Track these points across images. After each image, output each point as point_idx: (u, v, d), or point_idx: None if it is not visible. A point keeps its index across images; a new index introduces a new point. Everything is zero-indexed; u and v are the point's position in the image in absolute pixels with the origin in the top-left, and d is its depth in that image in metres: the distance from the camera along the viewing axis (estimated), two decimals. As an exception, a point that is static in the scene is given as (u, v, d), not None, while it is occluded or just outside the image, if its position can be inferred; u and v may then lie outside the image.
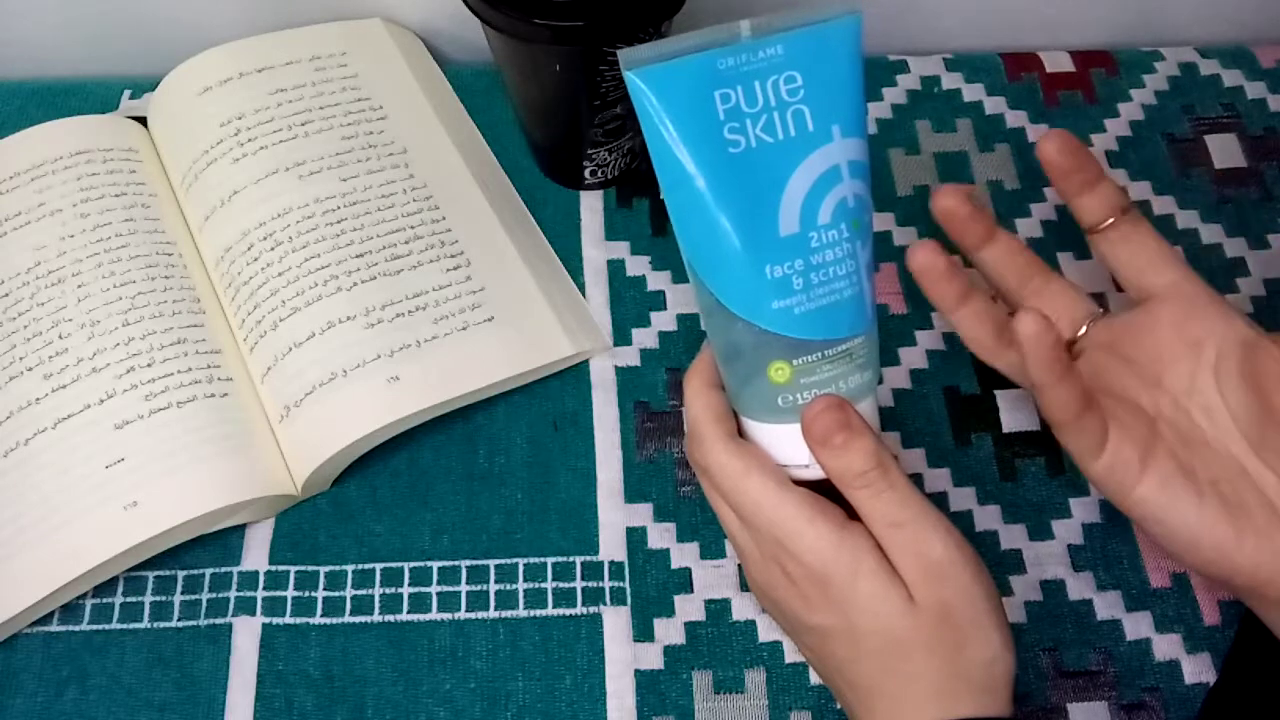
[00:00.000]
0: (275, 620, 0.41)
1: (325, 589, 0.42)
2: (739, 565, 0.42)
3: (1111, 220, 0.35)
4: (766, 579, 0.34)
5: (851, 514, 0.33)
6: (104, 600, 0.41)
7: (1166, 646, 0.41)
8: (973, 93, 0.55)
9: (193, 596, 0.41)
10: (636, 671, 0.40)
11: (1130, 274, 0.36)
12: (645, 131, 0.30)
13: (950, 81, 0.55)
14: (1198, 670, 0.40)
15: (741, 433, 0.35)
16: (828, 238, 0.31)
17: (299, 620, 0.41)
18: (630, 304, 0.48)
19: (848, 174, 0.31)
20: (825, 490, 0.33)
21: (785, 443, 0.33)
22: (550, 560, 0.42)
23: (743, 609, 0.41)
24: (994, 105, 0.55)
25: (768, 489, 0.32)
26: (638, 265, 0.49)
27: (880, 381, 0.35)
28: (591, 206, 0.51)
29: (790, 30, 0.30)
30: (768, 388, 0.32)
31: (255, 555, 0.42)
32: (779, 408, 0.32)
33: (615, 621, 0.41)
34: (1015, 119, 0.54)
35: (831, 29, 0.31)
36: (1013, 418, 0.45)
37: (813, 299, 0.31)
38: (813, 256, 0.31)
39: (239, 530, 0.43)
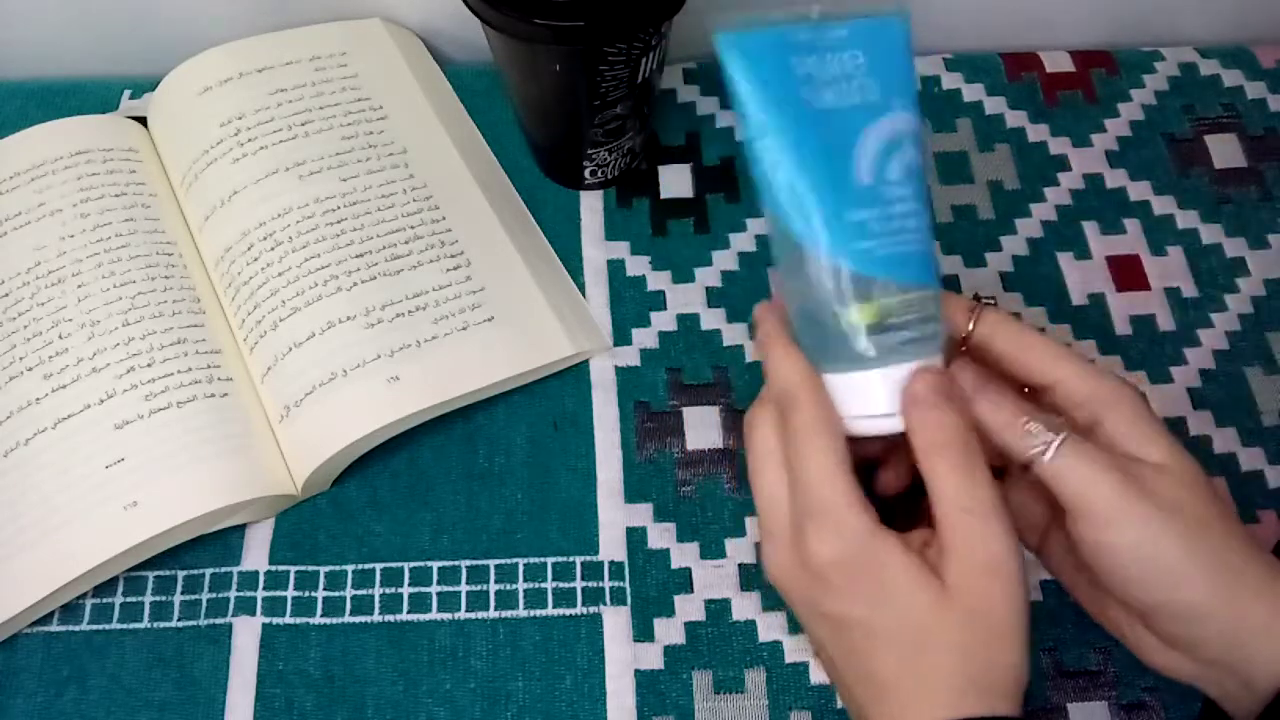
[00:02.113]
0: (275, 620, 0.41)
1: (325, 589, 0.42)
2: (740, 564, 0.42)
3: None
4: (788, 559, 0.33)
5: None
6: (104, 600, 0.41)
7: (1166, 646, 0.41)
8: (973, 93, 0.55)
9: (193, 596, 0.41)
10: (636, 671, 0.40)
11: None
12: (734, 88, 0.32)
13: (950, 81, 0.55)
14: (1198, 670, 0.40)
15: None
16: (898, 193, 0.33)
17: (299, 620, 0.41)
18: (630, 304, 0.48)
19: (908, 143, 0.33)
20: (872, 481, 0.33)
21: (859, 390, 0.33)
22: (550, 560, 0.42)
23: (743, 609, 0.41)
24: (994, 105, 0.55)
25: (829, 458, 0.31)
26: (638, 265, 0.49)
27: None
28: (591, 206, 0.51)
29: (850, 19, 0.33)
30: (851, 330, 0.33)
31: (255, 555, 0.42)
32: (859, 352, 0.33)
33: (615, 621, 0.41)
34: (1015, 119, 0.54)
35: (886, 22, 0.34)
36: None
37: (890, 244, 0.33)
38: (887, 207, 0.33)
39: (239, 530, 0.43)
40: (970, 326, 0.34)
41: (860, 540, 0.31)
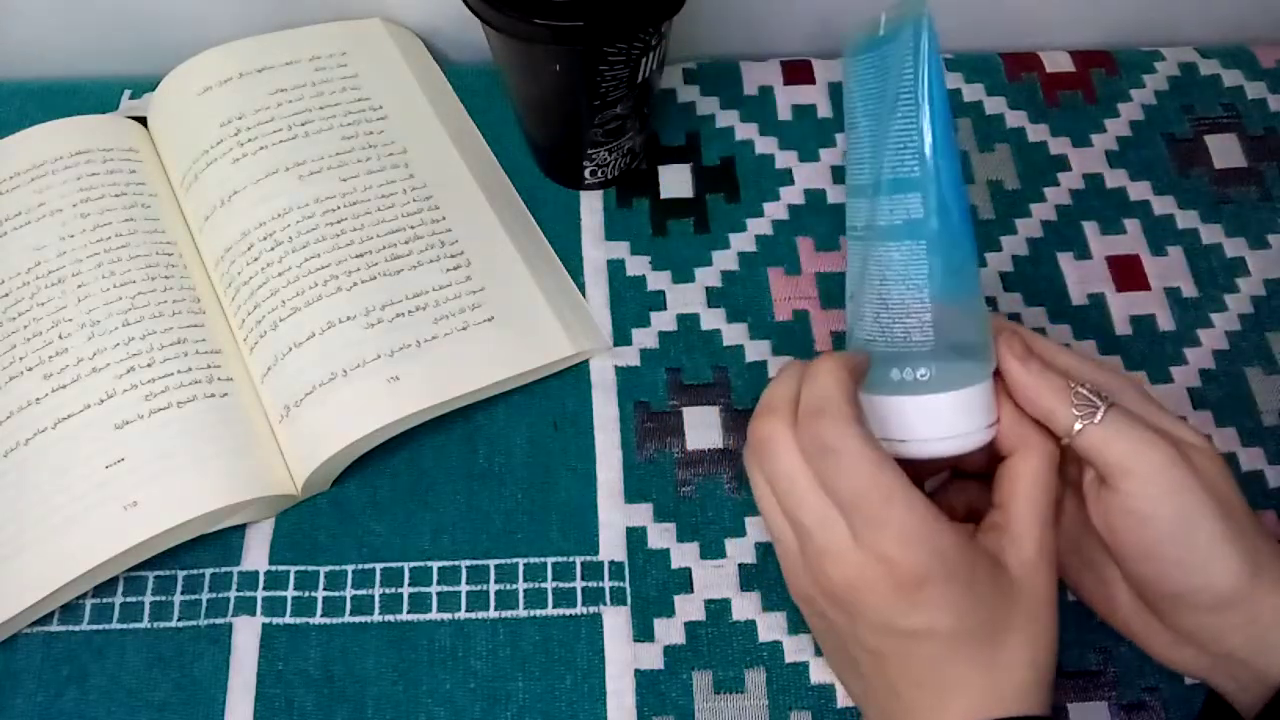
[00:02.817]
0: (275, 620, 0.41)
1: (325, 589, 0.42)
2: (740, 564, 0.42)
3: None
4: (858, 576, 0.31)
5: None
6: (104, 600, 0.41)
7: (1166, 646, 0.41)
8: (973, 93, 0.55)
9: (193, 596, 0.41)
10: (636, 671, 0.40)
11: None
12: (926, 61, 0.34)
13: (950, 81, 0.55)
14: (1198, 670, 0.40)
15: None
16: None
17: (299, 620, 0.41)
18: (630, 304, 0.48)
19: None
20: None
21: (944, 409, 0.33)
22: (550, 560, 0.42)
23: (743, 609, 0.41)
24: (994, 105, 0.55)
25: (899, 484, 0.30)
26: (638, 265, 0.49)
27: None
28: (591, 206, 0.51)
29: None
30: (986, 338, 0.33)
31: (255, 555, 0.42)
32: (990, 358, 0.33)
33: (615, 621, 0.41)
34: (1015, 119, 0.54)
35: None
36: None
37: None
38: None
39: (239, 530, 0.43)
40: None
41: (957, 555, 0.30)
